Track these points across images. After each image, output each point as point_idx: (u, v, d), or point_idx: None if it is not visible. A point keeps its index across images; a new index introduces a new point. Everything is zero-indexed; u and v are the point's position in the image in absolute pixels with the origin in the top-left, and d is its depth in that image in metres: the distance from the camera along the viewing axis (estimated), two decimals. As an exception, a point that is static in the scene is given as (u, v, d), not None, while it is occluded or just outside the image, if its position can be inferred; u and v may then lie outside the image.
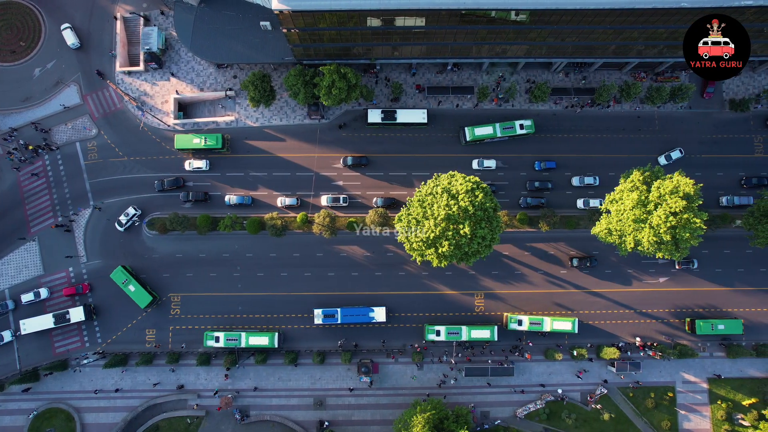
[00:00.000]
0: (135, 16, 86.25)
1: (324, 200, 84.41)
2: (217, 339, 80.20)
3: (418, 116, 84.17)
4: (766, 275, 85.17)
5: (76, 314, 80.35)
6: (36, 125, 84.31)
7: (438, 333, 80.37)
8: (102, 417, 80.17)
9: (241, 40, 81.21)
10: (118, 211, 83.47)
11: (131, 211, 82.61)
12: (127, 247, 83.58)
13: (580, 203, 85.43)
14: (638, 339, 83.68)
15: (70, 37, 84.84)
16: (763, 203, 75.01)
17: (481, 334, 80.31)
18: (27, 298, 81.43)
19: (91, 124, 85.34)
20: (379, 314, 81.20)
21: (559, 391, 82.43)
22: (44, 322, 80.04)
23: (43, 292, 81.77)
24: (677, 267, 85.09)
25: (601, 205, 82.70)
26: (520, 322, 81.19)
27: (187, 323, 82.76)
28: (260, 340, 79.98)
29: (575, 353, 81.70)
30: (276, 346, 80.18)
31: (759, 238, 75.04)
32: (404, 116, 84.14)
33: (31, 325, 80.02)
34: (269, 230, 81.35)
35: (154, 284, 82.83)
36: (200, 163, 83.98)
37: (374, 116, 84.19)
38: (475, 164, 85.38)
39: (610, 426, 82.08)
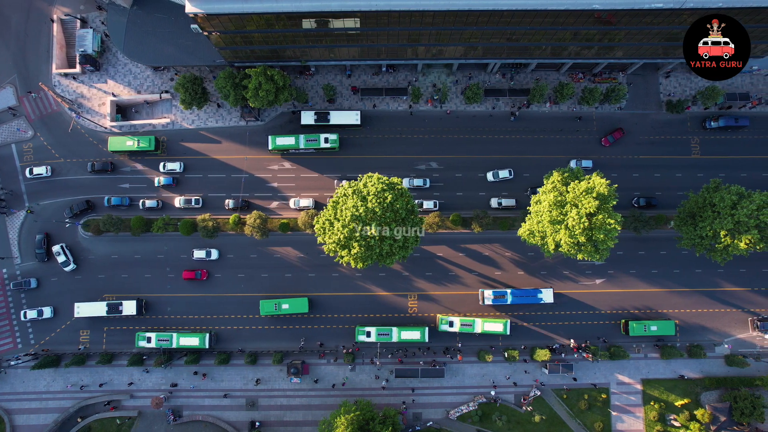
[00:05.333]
0: (72, 18, 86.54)
1: (177, 202, 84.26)
2: (148, 339, 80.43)
3: (351, 118, 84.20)
4: (702, 276, 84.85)
5: (129, 307, 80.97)
6: (13, 111, 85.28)
7: (368, 334, 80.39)
8: (33, 419, 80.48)
9: (174, 43, 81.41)
10: (54, 213, 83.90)
11: (58, 249, 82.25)
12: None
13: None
14: (572, 341, 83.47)
15: None
16: (688, 204, 74.66)
17: (412, 335, 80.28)
18: (199, 254, 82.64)
19: (27, 126, 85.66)
20: (547, 296, 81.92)
21: (492, 393, 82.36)
22: (98, 308, 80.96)
23: (214, 253, 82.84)
24: None
25: (436, 206, 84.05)
26: (451, 324, 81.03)
27: (121, 324, 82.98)
28: (191, 341, 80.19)
29: (507, 355, 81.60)
30: (207, 346, 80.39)
31: (684, 239, 74.69)
32: (337, 118, 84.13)
33: (84, 309, 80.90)
34: (201, 232, 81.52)
35: (90, 285, 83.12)
36: (40, 169, 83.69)
37: (307, 118, 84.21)
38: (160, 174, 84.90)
39: (542, 428, 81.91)
